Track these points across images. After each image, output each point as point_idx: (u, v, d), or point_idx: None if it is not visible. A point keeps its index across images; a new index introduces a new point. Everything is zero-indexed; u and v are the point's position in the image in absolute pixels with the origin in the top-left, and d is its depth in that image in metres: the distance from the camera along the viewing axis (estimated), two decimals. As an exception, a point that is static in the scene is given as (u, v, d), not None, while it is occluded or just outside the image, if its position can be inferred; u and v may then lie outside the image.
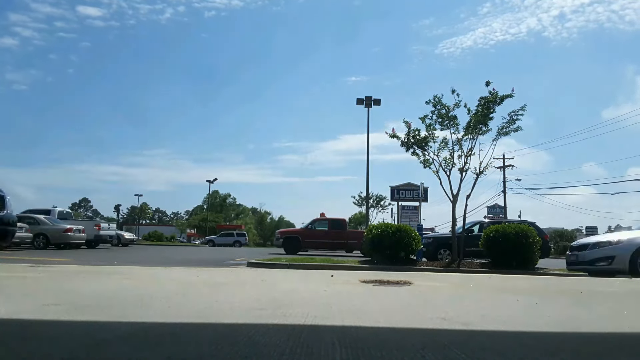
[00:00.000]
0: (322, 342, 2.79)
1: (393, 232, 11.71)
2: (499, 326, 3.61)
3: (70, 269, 8.21)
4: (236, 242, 45.72)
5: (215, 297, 4.78)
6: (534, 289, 6.85)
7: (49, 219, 19.43)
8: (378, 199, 63.73)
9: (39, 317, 3.39)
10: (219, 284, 6.21)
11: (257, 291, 5.48)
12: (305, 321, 3.46)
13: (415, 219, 18.57)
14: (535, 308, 4.78)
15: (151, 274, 7.58)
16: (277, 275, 7.93)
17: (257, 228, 78.50)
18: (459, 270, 11.06)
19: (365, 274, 8.59)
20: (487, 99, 11.84)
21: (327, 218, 22.86)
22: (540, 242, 11.93)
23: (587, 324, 4.00)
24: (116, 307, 3.96)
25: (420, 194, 18.32)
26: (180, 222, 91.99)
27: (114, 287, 5.50)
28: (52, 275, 6.79)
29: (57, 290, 5.00)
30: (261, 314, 3.72)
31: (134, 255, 15.88)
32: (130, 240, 27.76)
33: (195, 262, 12.13)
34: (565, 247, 39.35)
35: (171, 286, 5.76)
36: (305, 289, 5.87)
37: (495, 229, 11.84)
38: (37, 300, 4.22)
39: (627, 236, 10.76)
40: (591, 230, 52.96)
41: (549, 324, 3.86)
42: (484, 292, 6.39)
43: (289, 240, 20.82)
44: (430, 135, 12.48)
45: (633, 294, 7.02)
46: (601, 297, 6.27)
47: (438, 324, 3.54)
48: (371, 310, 4.27)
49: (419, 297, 5.50)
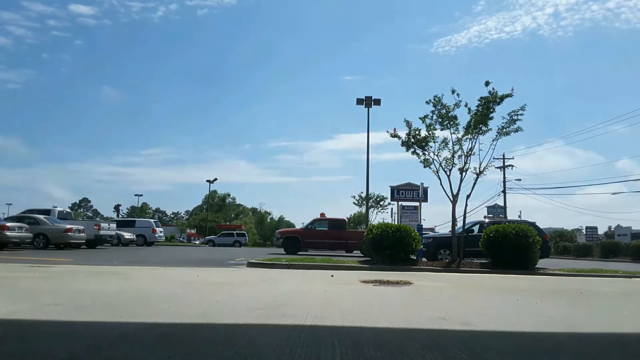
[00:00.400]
0: (322, 342, 2.79)
1: (393, 232, 11.71)
2: (499, 326, 3.61)
3: (70, 269, 8.21)
4: (236, 242, 45.73)
5: (215, 297, 4.78)
6: (534, 289, 6.85)
7: (49, 219, 19.42)
8: (378, 199, 63.68)
9: (39, 317, 3.39)
10: (219, 284, 6.22)
11: (257, 291, 5.48)
12: (305, 321, 3.46)
13: (415, 219, 18.56)
14: (535, 308, 4.78)
15: (151, 274, 7.59)
16: (277, 275, 7.93)
17: (257, 228, 78.52)
18: (458, 270, 11.06)
19: (365, 274, 8.59)
20: (487, 99, 11.84)
21: (327, 218, 22.85)
22: (540, 242, 11.92)
23: (587, 324, 4.00)
24: (116, 307, 3.96)
25: (420, 194, 18.31)
26: (180, 222, 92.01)
27: (114, 287, 5.50)
28: (52, 276, 6.80)
29: (57, 290, 5.00)
30: (261, 314, 3.72)
31: (133, 255, 15.88)
32: (130, 240, 27.75)
33: (195, 262, 12.13)
34: (566, 247, 39.49)
35: (171, 286, 5.76)
36: (305, 289, 5.87)
37: (495, 229, 11.83)
38: (37, 300, 4.22)
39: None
40: (591, 230, 52.97)
41: (549, 324, 3.86)
42: (484, 292, 6.39)
43: (289, 240, 20.81)
44: (430, 135, 12.47)
45: (633, 294, 7.02)
46: (601, 297, 6.28)
47: (438, 324, 3.54)
48: (371, 310, 4.27)
49: (419, 297, 5.50)
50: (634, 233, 43.19)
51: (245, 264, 11.66)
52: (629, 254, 29.74)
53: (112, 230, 23.65)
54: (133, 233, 28.06)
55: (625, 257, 29.70)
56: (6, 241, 16.07)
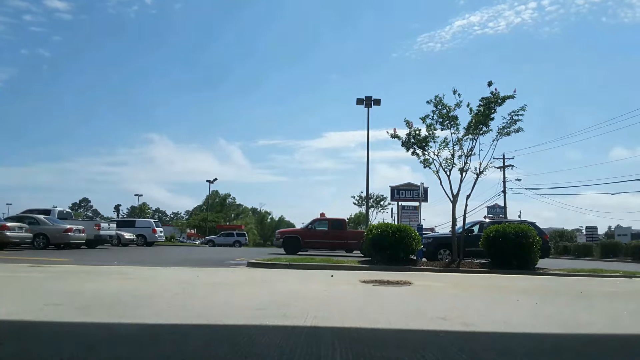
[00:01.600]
0: (322, 342, 2.79)
1: (393, 232, 11.70)
2: (499, 326, 3.61)
3: (70, 269, 8.21)
4: (236, 242, 45.74)
5: (215, 297, 4.79)
6: (534, 289, 6.85)
7: (49, 219, 19.42)
8: (378, 199, 63.68)
9: (39, 317, 3.39)
10: (219, 284, 6.22)
11: (257, 291, 5.48)
12: (305, 321, 3.46)
13: (415, 219, 18.58)
14: (535, 308, 4.78)
15: (151, 274, 7.58)
16: (277, 276, 7.92)
17: (257, 228, 78.52)
18: (459, 270, 11.06)
19: (365, 274, 8.59)
20: (488, 99, 11.83)
21: (327, 218, 22.83)
22: (540, 242, 11.92)
23: (587, 324, 3.99)
24: (116, 307, 3.96)
25: (420, 194, 18.32)
26: (180, 222, 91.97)
27: (114, 287, 5.50)
28: (52, 275, 6.79)
29: (57, 290, 5.00)
30: (261, 314, 3.72)
31: (133, 255, 15.88)
32: (130, 240, 27.75)
33: (195, 262, 12.13)
34: (566, 247, 39.47)
35: (171, 286, 5.76)
36: (306, 289, 5.87)
37: (495, 229, 11.82)
38: (37, 300, 4.22)
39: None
40: (591, 230, 52.98)
41: (549, 324, 3.86)
42: (484, 292, 6.39)
43: (289, 240, 20.79)
44: (430, 135, 12.47)
45: (633, 294, 7.02)
46: (601, 298, 6.28)
47: (438, 324, 3.54)
48: (371, 311, 4.27)
49: (419, 297, 5.50)
50: (634, 233, 43.22)
51: (245, 264, 11.66)
52: (629, 254, 29.74)
53: (112, 230, 23.63)
54: (133, 233, 28.18)
55: (625, 257, 29.71)
56: (6, 241, 16.07)
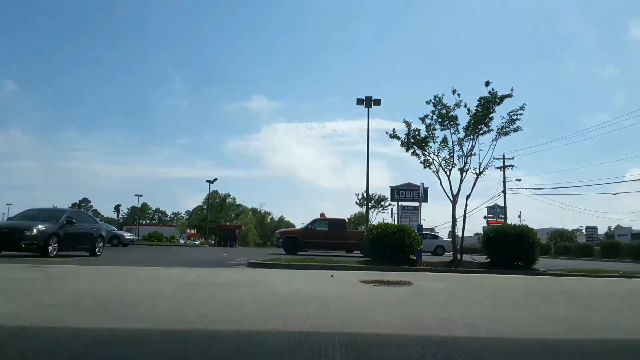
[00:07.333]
0: (322, 343, 2.79)
1: (393, 232, 11.71)
2: (499, 326, 3.62)
3: (70, 269, 8.20)
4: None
5: (215, 298, 4.79)
6: (534, 289, 6.86)
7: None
8: (379, 199, 63.69)
9: (39, 317, 3.39)
10: (219, 284, 6.21)
11: (257, 291, 5.48)
12: (305, 321, 3.45)
13: (415, 219, 18.53)
14: (535, 308, 4.78)
15: (151, 274, 7.58)
16: (277, 276, 7.93)
17: (257, 228, 78.43)
18: (458, 271, 11.06)
19: (365, 274, 8.58)
20: (486, 99, 11.85)
21: (327, 218, 22.82)
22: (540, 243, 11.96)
23: (587, 324, 3.99)
24: (116, 308, 3.96)
25: (420, 194, 18.29)
26: (181, 222, 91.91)
27: (114, 287, 5.50)
28: (52, 276, 6.79)
29: (57, 291, 5.00)
30: (261, 314, 3.73)
31: (134, 255, 15.88)
32: (131, 241, 27.74)
33: (195, 262, 12.12)
34: (566, 247, 39.44)
35: (171, 287, 5.76)
36: (306, 290, 5.86)
37: (495, 229, 11.86)
38: (37, 300, 4.22)
39: None
40: (591, 230, 52.94)
41: (549, 324, 3.86)
42: (484, 292, 6.39)
43: (289, 241, 20.78)
44: (430, 136, 12.48)
45: (633, 295, 7.03)
46: (601, 298, 6.28)
47: (438, 324, 3.54)
48: (371, 311, 4.27)
49: (419, 297, 5.50)
50: (634, 233, 43.25)
51: (245, 264, 11.66)
52: (629, 254, 29.72)
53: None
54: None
55: (625, 257, 29.67)
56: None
